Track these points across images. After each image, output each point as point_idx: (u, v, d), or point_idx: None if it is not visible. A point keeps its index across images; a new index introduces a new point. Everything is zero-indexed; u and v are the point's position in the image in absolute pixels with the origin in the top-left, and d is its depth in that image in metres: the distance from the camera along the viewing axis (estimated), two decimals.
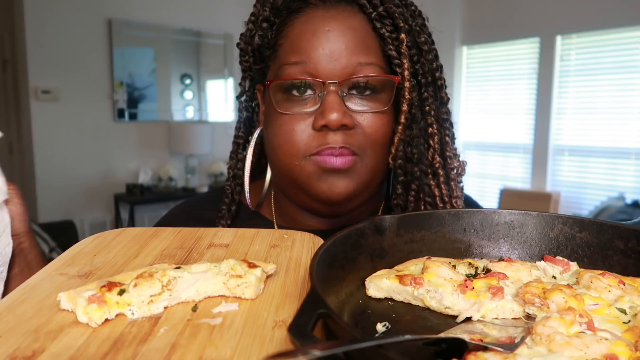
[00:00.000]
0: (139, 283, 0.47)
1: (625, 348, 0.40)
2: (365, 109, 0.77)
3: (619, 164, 4.79)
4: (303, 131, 0.76)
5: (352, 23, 0.76)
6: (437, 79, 0.83)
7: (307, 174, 0.77)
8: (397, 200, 0.83)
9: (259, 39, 0.82)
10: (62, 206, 4.87)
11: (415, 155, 0.81)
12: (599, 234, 0.62)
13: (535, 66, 5.18)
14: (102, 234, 0.68)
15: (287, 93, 0.77)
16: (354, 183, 0.77)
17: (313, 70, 0.75)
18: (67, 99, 4.78)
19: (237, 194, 0.91)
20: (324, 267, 0.48)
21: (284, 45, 0.79)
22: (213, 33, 5.54)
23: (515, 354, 0.40)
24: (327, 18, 0.76)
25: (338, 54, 0.75)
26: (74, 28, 4.74)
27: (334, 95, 0.74)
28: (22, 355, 0.39)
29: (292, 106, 0.77)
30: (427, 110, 0.82)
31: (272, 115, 0.80)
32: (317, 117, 0.75)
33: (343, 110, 0.74)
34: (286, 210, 0.90)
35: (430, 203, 0.82)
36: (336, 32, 0.75)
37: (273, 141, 0.80)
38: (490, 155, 5.73)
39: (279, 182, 0.86)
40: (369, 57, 0.76)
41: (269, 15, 0.80)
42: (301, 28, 0.77)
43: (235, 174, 0.92)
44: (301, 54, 0.75)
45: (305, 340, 0.34)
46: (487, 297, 0.50)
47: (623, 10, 4.46)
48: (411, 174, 0.81)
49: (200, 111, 5.81)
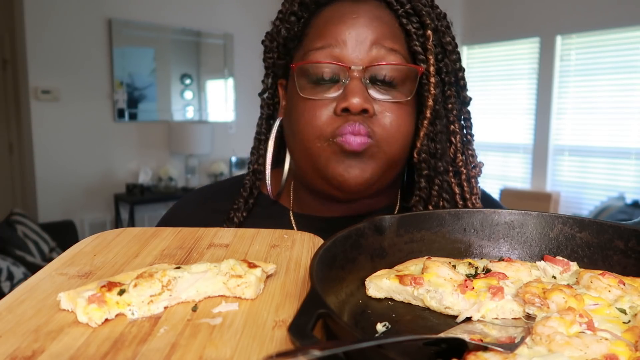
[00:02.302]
0: (139, 283, 0.47)
1: (625, 348, 0.40)
2: (387, 98, 0.77)
3: (619, 164, 4.79)
4: (325, 115, 0.76)
5: (379, 14, 0.78)
6: (460, 79, 0.85)
7: (326, 156, 0.77)
8: (420, 193, 0.83)
9: (285, 32, 0.83)
10: (62, 206, 4.87)
11: (439, 151, 0.82)
12: (599, 234, 0.62)
13: (535, 66, 5.18)
14: (102, 234, 0.68)
15: (310, 78, 0.78)
16: (370, 169, 0.78)
17: (339, 54, 0.76)
18: (67, 99, 4.78)
19: (256, 189, 0.92)
20: (324, 267, 0.48)
21: (310, 34, 0.80)
22: (213, 33, 5.55)
23: (515, 354, 0.40)
24: (355, 9, 0.78)
25: (363, 38, 0.76)
26: (74, 28, 4.74)
27: (357, 82, 0.75)
28: (22, 355, 0.39)
29: (316, 92, 0.78)
30: (450, 108, 0.83)
31: (295, 101, 0.81)
32: (340, 101, 0.75)
33: (365, 96, 0.75)
34: (303, 198, 0.90)
35: (449, 200, 0.83)
36: (363, 20, 0.76)
37: (295, 126, 0.80)
38: (490, 155, 5.73)
39: (298, 167, 0.86)
40: (394, 44, 0.77)
41: (297, 10, 0.82)
42: (329, 16, 0.78)
43: (255, 169, 0.92)
44: (327, 39, 0.76)
45: (305, 340, 0.34)
46: (487, 297, 0.50)
47: (623, 10, 4.46)
48: (434, 169, 0.83)
49: (200, 111, 5.81)
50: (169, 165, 5.33)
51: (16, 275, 3.23)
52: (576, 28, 4.82)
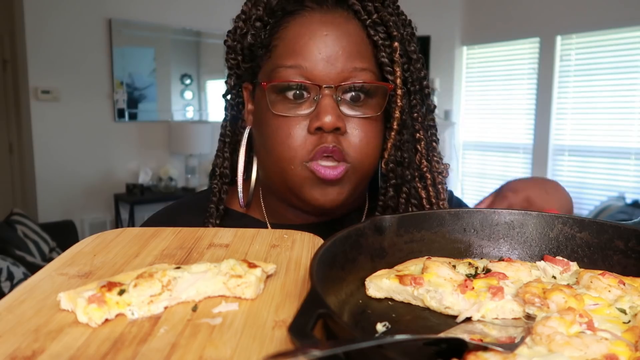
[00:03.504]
0: (139, 283, 0.47)
1: (625, 348, 0.40)
2: (357, 114, 0.79)
3: (619, 164, 4.79)
4: (299, 135, 0.77)
5: (348, 29, 0.78)
6: (424, 87, 0.87)
7: (301, 179, 0.78)
8: (388, 202, 0.86)
9: (251, 38, 0.82)
10: (62, 206, 4.87)
11: (406, 159, 0.84)
12: (599, 234, 0.62)
13: (535, 66, 5.18)
14: (102, 234, 0.68)
15: (281, 94, 0.78)
16: (346, 191, 0.80)
17: (309, 74, 0.76)
18: (67, 99, 4.78)
19: (224, 193, 0.90)
20: (324, 267, 0.48)
21: (279, 47, 0.79)
22: (213, 33, 5.54)
23: (515, 354, 0.40)
24: (325, 22, 0.77)
25: (334, 59, 0.76)
26: (74, 28, 4.74)
27: (329, 99, 0.76)
28: (22, 355, 0.39)
29: (287, 108, 0.78)
30: (415, 117, 0.86)
31: (265, 116, 0.80)
32: (313, 120, 0.76)
33: (337, 113, 0.76)
34: (277, 209, 0.90)
35: (417, 205, 0.85)
36: (333, 37, 0.76)
37: (268, 143, 0.80)
38: (490, 155, 5.73)
39: (270, 183, 0.86)
40: (364, 63, 0.78)
41: (262, 14, 0.81)
42: (298, 31, 0.77)
43: (222, 172, 0.90)
44: (297, 58, 0.76)
45: (305, 340, 0.34)
46: (487, 297, 0.50)
47: (623, 10, 4.46)
48: (402, 177, 0.85)
49: (200, 111, 5.81)
50: (169, 165, 5.33)
51: (16, 275, 3.23)
52: (576, 28, 4.82)
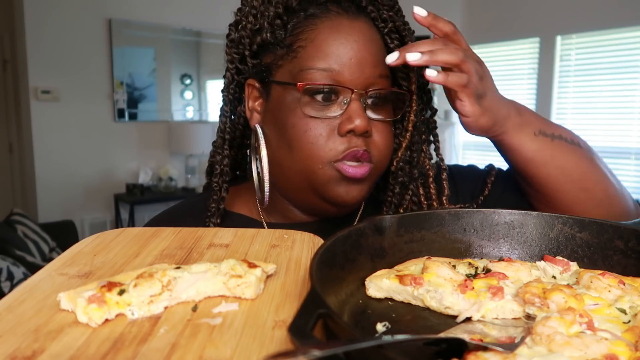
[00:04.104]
0: (139, 283, 0.47)
1: (625, 348, 0.40)
2: (380, 117, 0.83)
3: (619, 164, 4.79)
4: (330, 136, 0.80)
5: (372, 36, 0.82)
6: (428, 92, 0.92)
7: (327, 178, 0.80)
8: (393, 198, 0.90)
9: (270, 36, 0.82)
10: (62, 206, 4.87)
11: (415, 159, 0.90)
12: (599, 234, 0.62)
13: (535, 66, 5.18)
14: (102, 234, 0.68)
15: (310, 96, 0.79)
16: (367, 188, 0.84)
17: (340, 77, 0.79)
18: (67, 99, 4.78)
19: (225, 191, 0.90)
20: (324, 267, 0.48)
21: (308, 49, 0.80)
22: (213, 33, 5.54)
23: (515, 354, 0.40)
24: (354, 28, 0.80)
25: (364, 64, 0.79)
26: (74, 28, 4.74)
27: (358, 103, 0.79)
28: (22, 355, 0.39)
29: (317, 110, 0.79)
30: (423, 120, 0.92)
31: (291, 116, 0.80)
32: (344, 122, 0.79)
33: (366, 117, 0.80)
34: (277, 208, 0.91)
35: (416, 203, 0.91)
36: (361, 44, 0.80)
37: (294, 143, 0.80)
38: (490, 155, 5.72)
39: (285, 180, 0.86)
40: (384, 69, 0.82)
41: (282, 12, 0.81)
42: (328, 34, 0.80)
43: (222, 170, 0.90)
44: (330, 61, 0.79)
45: (305, 340, 0.34)
46: (487, 297, 0.50)
47: (623, 10, 4.46)
48: (409, 176, 0.90)
49: (200, 111, 5.81)
50: (169, 165, 5.33)
51: (16, 275, 3.23)
52: (576, 28, 4.82)
